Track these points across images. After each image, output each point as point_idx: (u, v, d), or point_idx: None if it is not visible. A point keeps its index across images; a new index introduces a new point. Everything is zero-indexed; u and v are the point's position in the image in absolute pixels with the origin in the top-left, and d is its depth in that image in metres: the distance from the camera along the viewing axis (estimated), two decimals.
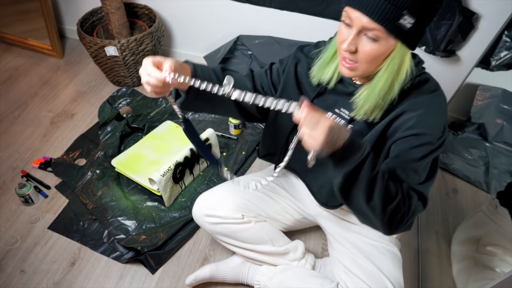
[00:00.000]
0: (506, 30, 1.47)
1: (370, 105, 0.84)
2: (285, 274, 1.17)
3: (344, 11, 0.78)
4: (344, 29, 0.79)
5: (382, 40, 0.75)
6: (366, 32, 0.75)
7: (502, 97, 1.71)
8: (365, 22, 0.74)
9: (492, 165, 1.65)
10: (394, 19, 0.72)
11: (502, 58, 1.52)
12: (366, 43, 0.77)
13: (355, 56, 0.79)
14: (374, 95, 0.83)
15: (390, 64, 0.79)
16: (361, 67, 0.80)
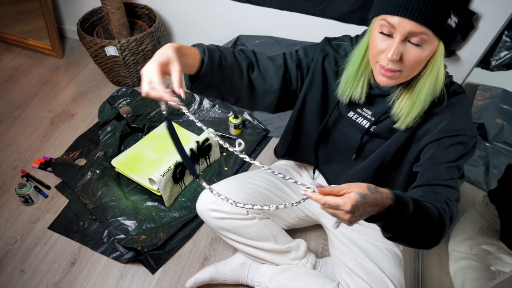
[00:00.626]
0: (506, 30, 1.47)
1: (418, 113, 0.82)
2: (285, 275, 1.16)
3: (381, 19, 0.74)
4: (381, 38, 0.75)
5: (428, 43, 0.73)
6: (410, 37, 0.73)
7: (502, 97, 1.71)
8: (411, 27, 0.70)
9: (492, 165, 1.65)
10: (442, 20, 0.70)
11: (502, 58, 1.52)
12: (411, 49, 0.74)
13: (399, 65, 0.75)
14: (420, 102, 0.80)
15: (433, 67, 0.77)
16: (404, 75, 0.78)
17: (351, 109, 0.96)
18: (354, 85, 0.88)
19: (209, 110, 1.89)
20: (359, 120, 0.96)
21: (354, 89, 0.89)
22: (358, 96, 0.89)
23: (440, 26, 0.70)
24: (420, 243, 0.77)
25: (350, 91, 0.89)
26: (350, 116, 0.97)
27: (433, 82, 0.78)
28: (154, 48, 1.90)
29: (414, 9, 0.69)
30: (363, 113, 0.95)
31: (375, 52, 0.77)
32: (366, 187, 0.66)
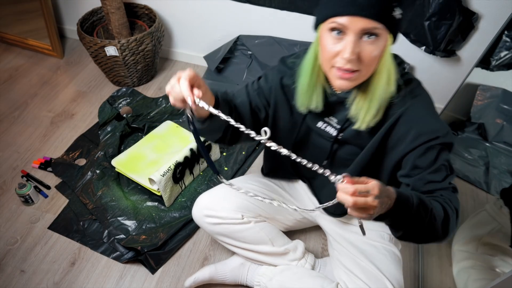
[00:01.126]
0: (506, 30, 1.46)
1: (374, 111, 0.82)
2: (284, 275, 1.16)
3: (330, 23, 0.73)
4: (333, 41, 0.75)
5: (380, 38, 0.74)
6: (364, 34, 0.73)
7: (502, 97, 1.71)
8: (363, 24, 0.71)
9: (492, 165, 1.65)
10: (389, 12, 0.71)
11: (502, 58, 1.52)
12: (367, 46, 0.74)
13: (357, 64, 0.75)
14: (376, 99, 0.81)
15: (385, 61, 0.77)
16: (363, 74, 0.77)
17: (319, 120, 0.96)
18: (308, 95, 0.88)
19: None
20: (327, 129, 0.96)
21: (310, 99, 0.89)
22: (314, 105, 0.89)
23: (389, 18, 0.72)
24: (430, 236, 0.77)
25: (306, 102, 0.90)
26: (319, 127, 0.97)
27: (386, 77, 0.79)
28: (154, 48, 1.90)
29: (363, 6, 0.70)
30: (330, 121, 0.95)
31: (329, 56, 0.76)
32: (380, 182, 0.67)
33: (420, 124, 0.83)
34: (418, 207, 0.72)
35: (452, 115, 1.84)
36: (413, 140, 0.83)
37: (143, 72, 2.00)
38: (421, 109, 0.84)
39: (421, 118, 0.83)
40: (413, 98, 0.84)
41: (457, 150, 1.73)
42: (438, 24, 1.58)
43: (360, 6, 0.70)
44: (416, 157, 0.83)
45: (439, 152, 0.83)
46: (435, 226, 0.75)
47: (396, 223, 0.73)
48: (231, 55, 2.04)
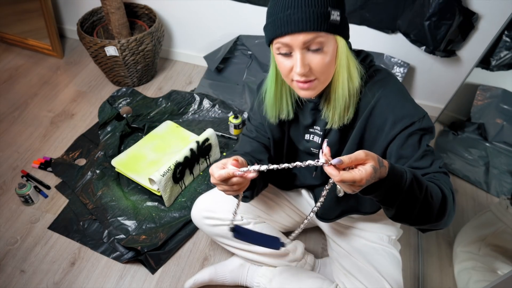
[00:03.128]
0: (506, 30, 1.46)
1: (341, 109, 0.83)
2: (284, 276, 1.16)
3: (275, 44, 0.76)
4: (284, 60, 0.77)
5: (327, 44, 0.75)
6: (308, 46, 0.74)
7: (502, 97, 1.71)
8: (302, 38, 0.73)
9: (492, 165, 1.65)
10: (326, 19, 0.72)
11: (502, 58, 1.52)
12: (315, 56, 0.75)
13: (311, 74, 0.77)
14: (339, 97, 0.82)
15: (340, 61, 0.78)
16: (321, 81, 0.79)
17: (305, 132, 0.98)
18: (277, 106, 0.90)
19: (209, 110, 1.89)
20: (314, 139, 0.97)
21: (279, 109, 0.91)
22: (285, 114, 0.92)
23: (327, 24, 0.73)
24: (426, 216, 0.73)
25: (276, 113, 0.92)
26: (307, 139, 0.99)
27: (345, 75, 0.80)
28: (154, 48, 1.90)
29: (296, 22, 0.72)
30: (315, 131, 0.96)
31: (285, 72, 0.79)
32: (376, 159, 0.65)
33: (394, 112, 0.83)
34: (411, 182, 0.68)
35: (452, 115, 1.84)
36: (391, 129, 0.83)
37: (143, 72, 2.00)
38: (392, 97, 0.84)
39: (394, 106, 0.83)
40: (382, 88, 0.85)
41: (457, 150, 1.73)
42: (438, 24, 1.58)
43: (294, 22, 0.72)
44: (399, 147, 0.83)
45: (420, 138, 0.82)
46: (431, 204, 0.72)
47: (387, 198, 0.69)
48: (231, 55, 2.04)
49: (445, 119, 1.84)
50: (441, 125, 1.86)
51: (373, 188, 0.67)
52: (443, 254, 1.40)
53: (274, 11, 0.75)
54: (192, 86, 2.07)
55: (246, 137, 1.06)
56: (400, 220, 0.75)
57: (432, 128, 0.83)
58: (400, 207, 0.70)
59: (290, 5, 0.72)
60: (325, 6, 0.72)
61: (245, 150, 1.00)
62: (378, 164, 0.64)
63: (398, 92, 0.85)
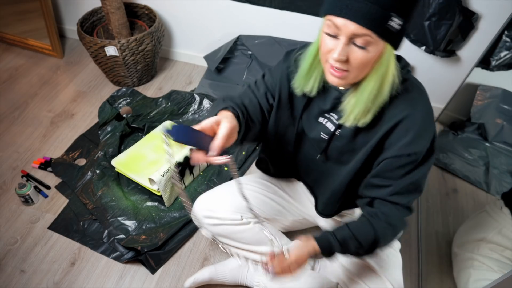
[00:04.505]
0: (506, 30, 1.46)
1: (359, 110, 0.82)
2: None
3: (327, 20, 0.74)
4: (329, 39, 0.76)
5: (373, 45, 0.73)
6: (355, 39, 0.73)
7: (502, 97, 1.71)
8: (354, 29, 0.71)
9: (492, 165, 1.65)
10: (384, 22, 0.70)
11: (502, 58, 1.52)
12: (357, 51, 0.74)
13: (346, 65, 0.76)
14: (363, 100, 0.81)
15: (378, 67, 0.77)
16: (352, 75, 0.78)
17: (321, 115, 0.96)
18: (307, 79, 0.89)
19: (209, 110, 1.89)
20: (327, 125, 0.96)
21: (307, 82, 0.90)
22: (309, 89, 0.90)
23: (382, 28, 0.70)
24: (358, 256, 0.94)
25: (303, 84, 0.90)
26: (320, 121, 0.97)
27: (378, 82, 0.78)
28: (154, 48, 1.90)
29: (355, 11, 0.69)
30: (331, 117, 0.95)
31: (324, 51, 0.78)
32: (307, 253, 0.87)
33: (413, 136, 0.83)
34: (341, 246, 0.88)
35: (452, 115, 1.84)
36: (400, 148, 0.84)
37: (143, 72, 2.00)
38: (417, 121, 0.83)
39: (416, 130, 0.83)
40: (413, 108, 0.83)
41: (457, 150, 1.73)
42: (438, 24, 1.58)
43: (353, 11, 0.70)
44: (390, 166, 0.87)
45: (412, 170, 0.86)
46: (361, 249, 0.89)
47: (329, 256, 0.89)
48: (231, 55, 2.04)
49: (445, 119, 1.85)
50: (441, 125, 1.86)
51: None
52: (443, 254, 1.40)
53: None
54: (192, 86, 2.07)
55: (251, 91, 1.02)
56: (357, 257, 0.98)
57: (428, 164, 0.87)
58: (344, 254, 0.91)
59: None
60: (390, 9, 0.69)
61: (244, 102, 0.97)
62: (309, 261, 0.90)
63: (424, 117, 0.84)
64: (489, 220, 1.33)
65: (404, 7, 0.70)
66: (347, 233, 0.88)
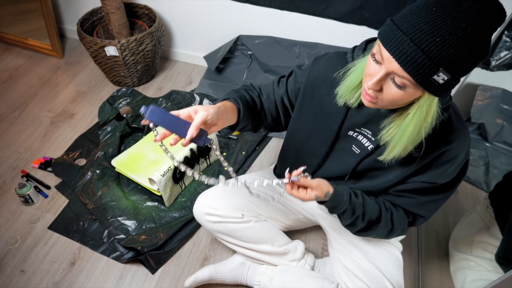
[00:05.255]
0: (506, 30, 1.46)
1: (399, 149, 0.79)
2: (285, 275, 1.17)
3: (378, 45, 0.70)
4: (373, 64, 0.72)
5: (409, 88, 0.70)
6: (394, 75, 0.69)
7: (502, 97, 1.71)
8: (396, 68, 0.67)
9: (492, 165, 1.65)
10: (428, 74, 0.65)
11: (502, 58, 1.52)
12: (392, 87, 0.71)
13: (376, 94, 0.74)
14: (403, 140, 0.78)
15: (418, 111, 0.73)
16: (381, 104, 0.76)
17: (350, 129, 0.94)
18: (352, 93, 0.85)
19: None
20: (362, 140, 0.93)
21: (352, 95, 0.86)
22: (353, 101, 0.86)
23: (424, 78, 0.66)
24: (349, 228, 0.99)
25: (347, 96, 0.87)
26: (350, 135, 0.95)
27: (418, 126, 0.75)
28: (154, 48, 1.90)
29: (403, 53, 0.65)
30: (364, 132, 0.92)
31: (365, 73, 0.76)
32: (325, 192, 0.87)
33: (450, 168, 0.85)
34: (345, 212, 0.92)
35: None
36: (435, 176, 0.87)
37: (143, 72, 2.00)
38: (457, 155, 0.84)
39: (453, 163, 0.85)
40: (455, 140, 0.83)
41: None
42: None
43: (400, 52, 0.65)
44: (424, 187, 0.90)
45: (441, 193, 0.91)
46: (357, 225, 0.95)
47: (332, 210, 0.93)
48: (231, 55, 2.04)
49: None
50: None
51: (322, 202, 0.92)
52: (443, 254, 1.41)
53: (403, 21, 0.66)
54: (192, 86, 2.07)
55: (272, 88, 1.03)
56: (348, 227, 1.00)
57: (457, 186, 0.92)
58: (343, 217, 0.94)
59: (412, 33, 0.64)
60: (439, 64, 0.64)
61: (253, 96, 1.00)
62: (325, 195, 0.88)
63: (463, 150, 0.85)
64: (478, 220, 1.34)
65: (456, 66, 0.65)
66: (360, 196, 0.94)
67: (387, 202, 0.97)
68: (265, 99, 1.01)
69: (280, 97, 1.01)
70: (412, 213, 0.96)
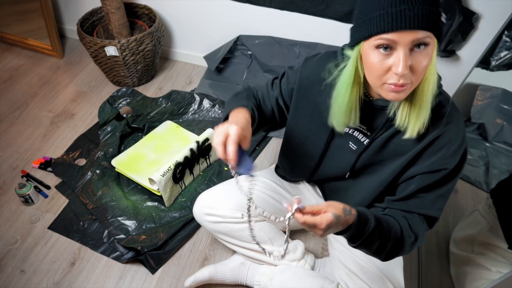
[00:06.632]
0: (506, 30, 1.47)
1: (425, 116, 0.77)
2: (285, 275, 1.16)
3: (376, 40, 0.70)
4: (382, 57, 0.71)
5: (429, 46, 0.70)
6: (414, 45, 0.69)
7: (502, 97, 1.71)
8: (413, 36, 0.67)
9: (492, 165, 1.65)
10: (438, 20, 0.69)
11: (502, 58, 1.52)
12: (418, 57, 0.70)
13: (410, 77, 0.71)
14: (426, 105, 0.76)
15: (433, 67, 0.73)
16: (414, 85, 0.74)
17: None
18: (347, 114, 0.84)
19: (209, 110, 1.89)
20: (355, 134, 0.93)
21: (348, 118, 0.85)
22: (352, 122, 0.86)
23: (437, 25, 0.69)
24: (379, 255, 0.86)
25: (345, 121, 0.86)
26: (346, 131, 0.95)
27: (433, 81, 0.75)
28: (154, 48, 1.90)
29: (412, 18, 0.66)
30: (358, 127, 0.92)
31: (379, 73, 0.72)
32: (342, 209, 0.74)
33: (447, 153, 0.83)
34: (374, 229, 0.78)
35: None
36: (433, 164, 0.84)
37: (143, 72, 2.00)
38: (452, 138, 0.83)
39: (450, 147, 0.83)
40: (448, 123, 0.83)
41: None
42: None
43: (409, 19, 0.66)
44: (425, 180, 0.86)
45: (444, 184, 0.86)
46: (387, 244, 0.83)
47: (352, 238, 0.79)
48: (231, 55, 2.04)
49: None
50: None
51: (342, 232, 0.78)
52: (443, 254, 1.41)
53: (380, 4, 0.68)
54: (192, 86, 2.07)
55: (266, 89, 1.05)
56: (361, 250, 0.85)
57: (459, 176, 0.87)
58: (362, 244, 0.80)
59: (405, 0, 0.67)
60: (438, 5, 0.69)
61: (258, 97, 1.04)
62: (343, 213, 0.74)
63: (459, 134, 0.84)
64: (480, 220, 1.34)
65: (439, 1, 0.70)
66: (383, 218, 0.83)
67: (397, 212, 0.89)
68: (262, 102, 1.04)
69: (275, 98, 1.03)
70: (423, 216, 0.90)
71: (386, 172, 0.92)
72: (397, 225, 0.84)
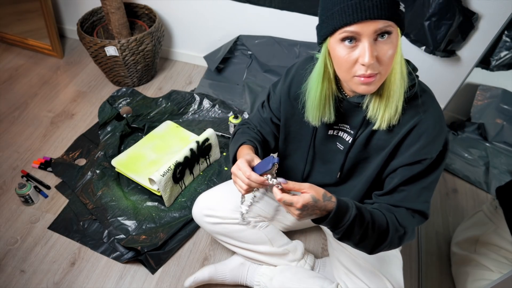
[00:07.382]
0: (506, 30, 1.46)
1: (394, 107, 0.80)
2: (285, 275, 1.16)
3: (340, 34, 0.72)
4: (348, 50, 0.73)
5: (392, 34, 0.72)
6: (377, 35, 0.71)
7: (502, 97, 1.71)
8: (374, 26, 0.70)
9: (492, 165, 1.65)
10: (397, 8, 0.71)
11: (502, 58, 1.52)
12: (383, 46, 0.72)
13: (377, 67, 0.73)
14: (393, 96, 0.78)
15: (398, 56, 0.75)
16: (382, 75, 0.75)
17: (330, 128, 0.95)
18: (321, 109, 0.87)
19: (209, 110, 1.89)
20: (343, 136, 0.94)
21: (322, 112, 0.87)
22: (327, 117, 0.88)
23: (396, 14, 0.71)
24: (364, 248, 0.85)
25: (318, 115, 0.88)
26: (331, 134, 0.96)
27: (399, 71, 0.77)
28: (154, 48, 1.90)
29: (371, 8, 0.68)
30: (341, 127, 0.94)
31: (347, 66, 0.74)
32: (322, 194, 0.76)
33: (426, 141, 0.83)
34: (354, 217, 0.78)
35: (452, 115, 1.84)
36: (415, 154, 0.83)
37: (143, 72, 2.00)
38: (429, 126, 0.83)
39: (428, 135, 0.83)
40: (425, 112, 0.83)
41: (457, 150, 1.73)
42: (438, 24, 1.58)
43: (368, 9, 0.68)
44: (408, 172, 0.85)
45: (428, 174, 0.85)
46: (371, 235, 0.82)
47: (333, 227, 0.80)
48: (231, 55, 2.04)
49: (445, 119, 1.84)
50: None
51: (322, 219, 0.80)
52: (443, 254, 1.40)
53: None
54: (192, 86, 2.07)
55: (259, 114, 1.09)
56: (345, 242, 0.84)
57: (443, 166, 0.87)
58: (344, 233, 0.80)
59: None
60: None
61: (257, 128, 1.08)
62: (323, 198, 0.76)
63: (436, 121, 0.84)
64: (485, 220, 1.33)
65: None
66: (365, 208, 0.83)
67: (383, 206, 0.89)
68: (260, 128, 1.08)
69: (269, 119, 1.06)
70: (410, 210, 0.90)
71: (372, 168, 0.92)
72: (383, 217, 0.84)
